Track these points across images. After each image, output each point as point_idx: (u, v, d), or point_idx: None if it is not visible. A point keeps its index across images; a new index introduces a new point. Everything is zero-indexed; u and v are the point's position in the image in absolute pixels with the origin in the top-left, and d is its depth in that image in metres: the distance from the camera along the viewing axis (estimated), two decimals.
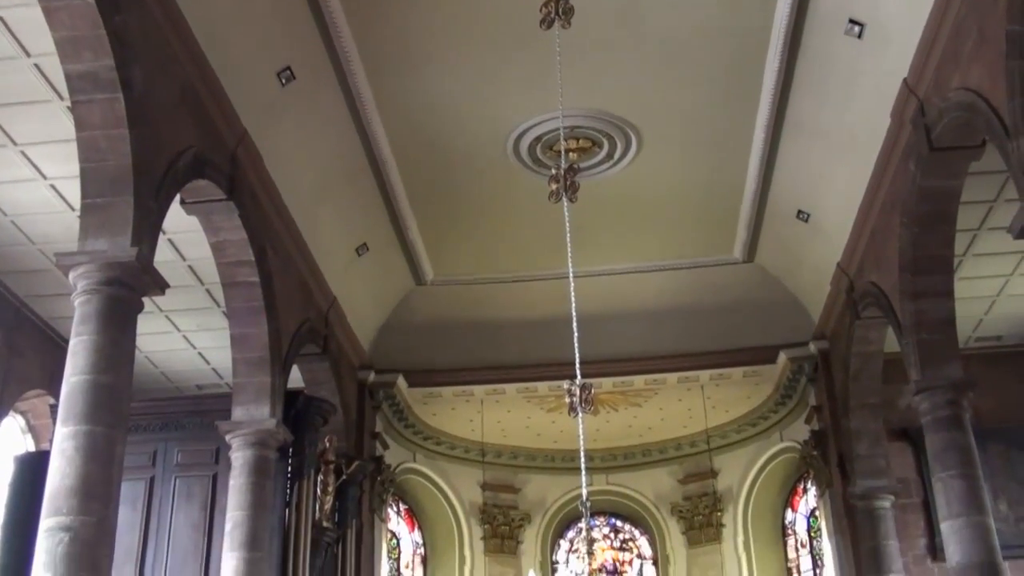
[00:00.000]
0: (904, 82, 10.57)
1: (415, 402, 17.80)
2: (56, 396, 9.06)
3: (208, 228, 11.13)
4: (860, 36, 10.78)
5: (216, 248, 11.30)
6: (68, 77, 8.53)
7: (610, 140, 13.53)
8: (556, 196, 8.23)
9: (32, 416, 14.50)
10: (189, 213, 10.92)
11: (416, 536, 19.79)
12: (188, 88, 10.00)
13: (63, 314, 12.82)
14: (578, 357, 9.22)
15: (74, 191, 9.73)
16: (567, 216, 9.27)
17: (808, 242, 14.91)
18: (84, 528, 7.56)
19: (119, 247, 8.44)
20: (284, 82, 11.40)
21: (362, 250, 15.09)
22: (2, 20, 9.28)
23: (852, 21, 10.72)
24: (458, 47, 11.85)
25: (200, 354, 15.44)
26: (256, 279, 11.48)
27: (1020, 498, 14.96)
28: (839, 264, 14.10)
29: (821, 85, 11.94)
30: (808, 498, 18.43)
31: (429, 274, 16.66)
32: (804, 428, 16.69)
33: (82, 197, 8.66)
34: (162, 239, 10.55)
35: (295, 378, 13.56)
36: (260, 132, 11.45)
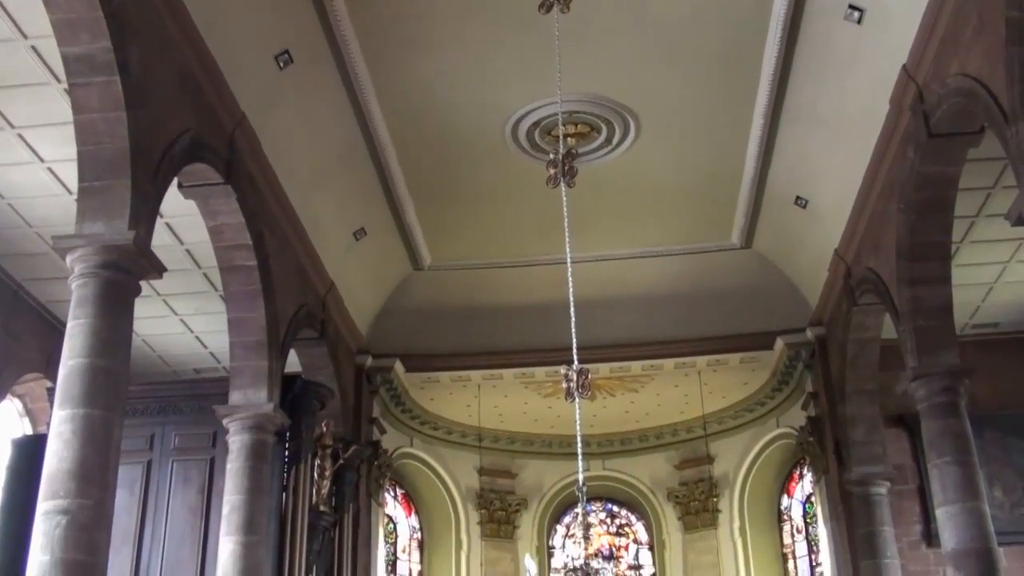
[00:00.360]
0: (903, 68, 10.55)
1: (412, 387, 17.82)
2: (53, 379, 9.06)
3: (206, 212, 11.11)
4: (859, 22, 10.75)
5: (214, 232, 11.30)
6: (65, 60, 8.50)
7: (608, 125, 13.50)
8: (554, 181, 8.23)
9: (29, 399, 14.51)
10: (187, 197, 10.91)
11: (413, 521, 19.85)
12: (186, 71, 9.96)
13: (60, 297, 12.80)
14: (575, 342, 9.23)
15: (71, 174, 9.69)
16: (565, 201, 9.27)
17: (806, 228, 14.90)
18: (81, 511, 7.57)
19: (116, 230, 8.43)
20: (282, 66, 11.36)
21: (360, 235, 15.08)
22: None
23: (851, 7, 10.68)
24: (457, 32, 11.82)
25: (197, 338, 15.42)
26: (254, 263, 11.48)
27: (1015, 484, 14.99)
28: (836, 250, 14.09)
29: (820, 71, 11.91)
30: (804, 484, 18.48)
31: (427, 259, 16.65)
32: (801, 414, 16.71)
33: (79, 180, 8.65)
34: (160, 223, 10.52)
35: (292, 363, 13.58)
36: (258, 116, 11.42)
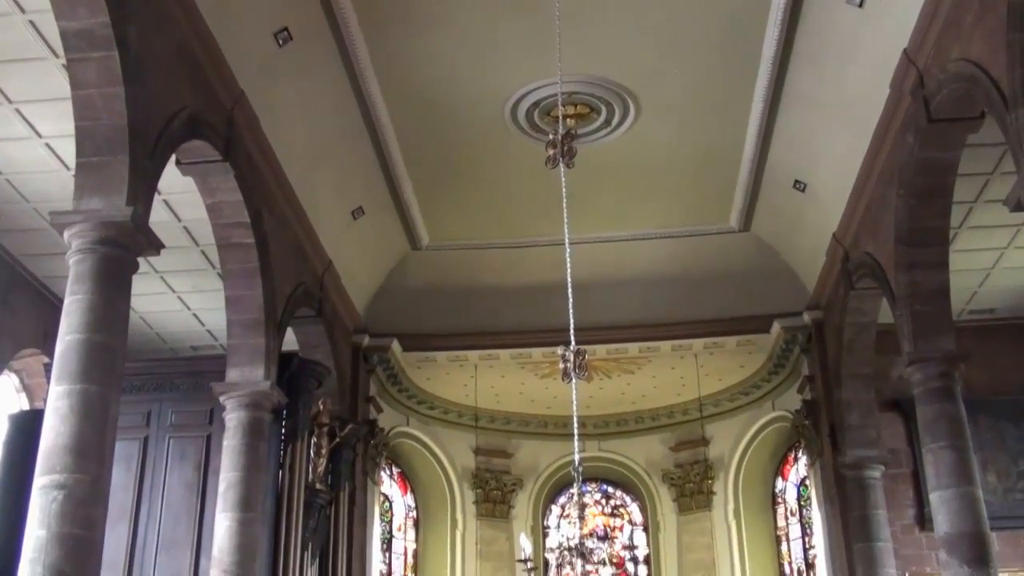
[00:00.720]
0: (904, 52, 10.51)
1: (409, 366, 17.83)
2: (50, 355, 9.06)
3: (204, 189, 11.10)
4: (861, 5, 10.70)
5: (212, 210, 11.28)
6: (63, 34, 8.46)
7: (608, 107, 13.47)
8: (553, 162, 8.22)
9: (26, 375, 14.52)
10: (185, 174, 10.88)
11: (409, 499, 19.91)
12: (184, 48, 9.92)
13: (58, 273, 12.80)
14: (572, 323, 9.25)
15: (69, 150, 9.68)
16: (564, 182, 9.27)
17: (804, 212, 14.90)
18: (78, 486, 7.59)
19: (114, 206, 8.41)
20: (281, 43, 11.31)
21: (358, 213, 15.05)
22: None
23: None
24: (457, 10, 11.75)
25: (195, 315, 15.43)
26: (251, 241, 11.47)
27: (1009, 470, 15.05)
28: (835, 234, 14.09)
29: (821, 54, 11.87)
30: (799, 467, 18.54)
31: (425, 238, 16.63)
32: (796, 398, 16.75)
33: (77, 156, 8.63)
34: (157, 200, 10.50)
35: (290, 341, 13.58)
36: (257, 93, 11.37)
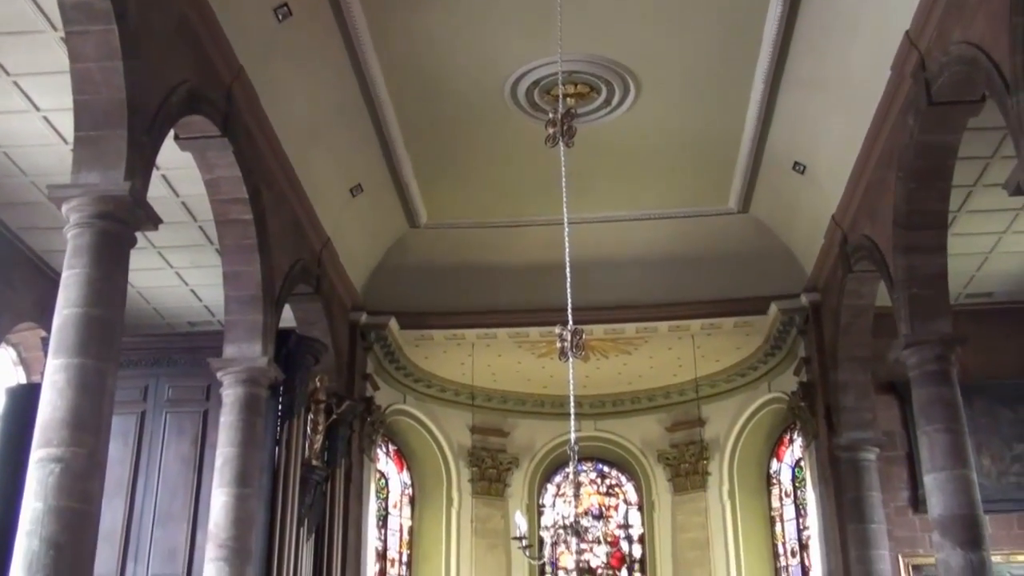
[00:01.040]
0: (906, 34, 10.47)
1: (407, 344, 17.85)
2: (48, 329, 9.05)
3: (202, 165, 11.07)
4: None
5: (210, 185, 11.25)
6: (62, 7, 8.42)
7: (608, 86, 13.43)
8: (552, 141, 8.22)
9: (24, 348, 14.54)
10: (183, 149, 10.85)
11: (405, 477, 19.98)
12: (184, 22, 9.87)
13: (56, 247, 12.78)
14: (570, 303, 9.26)
15: (67, 123, 9.65)
16: (563, 161, 9.26)
17: (803, 194, 14.88)
18: (75, 459, 7.61)
19: (112, 181, 8.40)
20: (281, 18, 11.26)
21: (356, 191, 15.03)
22: None
23: None
24: None
25: (192, 291, 15.44)
26: (250, 217, 11.45)
27: (1003, 453, 15.10)
28: (833, 217, 14.08)
29: (822, 35, 11.83)
30: (794, 448, 18.60)
31: (423, 217, 16.62)
32: (792, 379, 16.80)
33: (75, 129, 8.61)
34: (156, 175, 10.48)
35: (287, 317, 13.59)
36: (256, 69, 11.33)
